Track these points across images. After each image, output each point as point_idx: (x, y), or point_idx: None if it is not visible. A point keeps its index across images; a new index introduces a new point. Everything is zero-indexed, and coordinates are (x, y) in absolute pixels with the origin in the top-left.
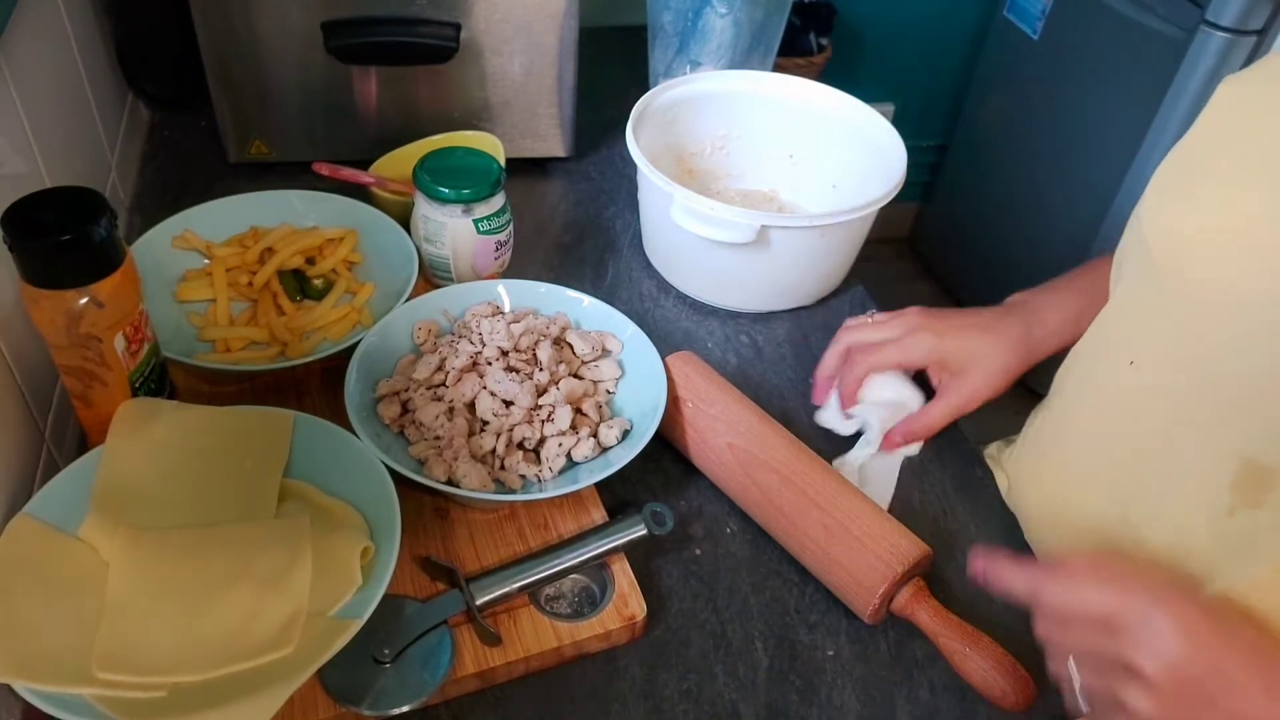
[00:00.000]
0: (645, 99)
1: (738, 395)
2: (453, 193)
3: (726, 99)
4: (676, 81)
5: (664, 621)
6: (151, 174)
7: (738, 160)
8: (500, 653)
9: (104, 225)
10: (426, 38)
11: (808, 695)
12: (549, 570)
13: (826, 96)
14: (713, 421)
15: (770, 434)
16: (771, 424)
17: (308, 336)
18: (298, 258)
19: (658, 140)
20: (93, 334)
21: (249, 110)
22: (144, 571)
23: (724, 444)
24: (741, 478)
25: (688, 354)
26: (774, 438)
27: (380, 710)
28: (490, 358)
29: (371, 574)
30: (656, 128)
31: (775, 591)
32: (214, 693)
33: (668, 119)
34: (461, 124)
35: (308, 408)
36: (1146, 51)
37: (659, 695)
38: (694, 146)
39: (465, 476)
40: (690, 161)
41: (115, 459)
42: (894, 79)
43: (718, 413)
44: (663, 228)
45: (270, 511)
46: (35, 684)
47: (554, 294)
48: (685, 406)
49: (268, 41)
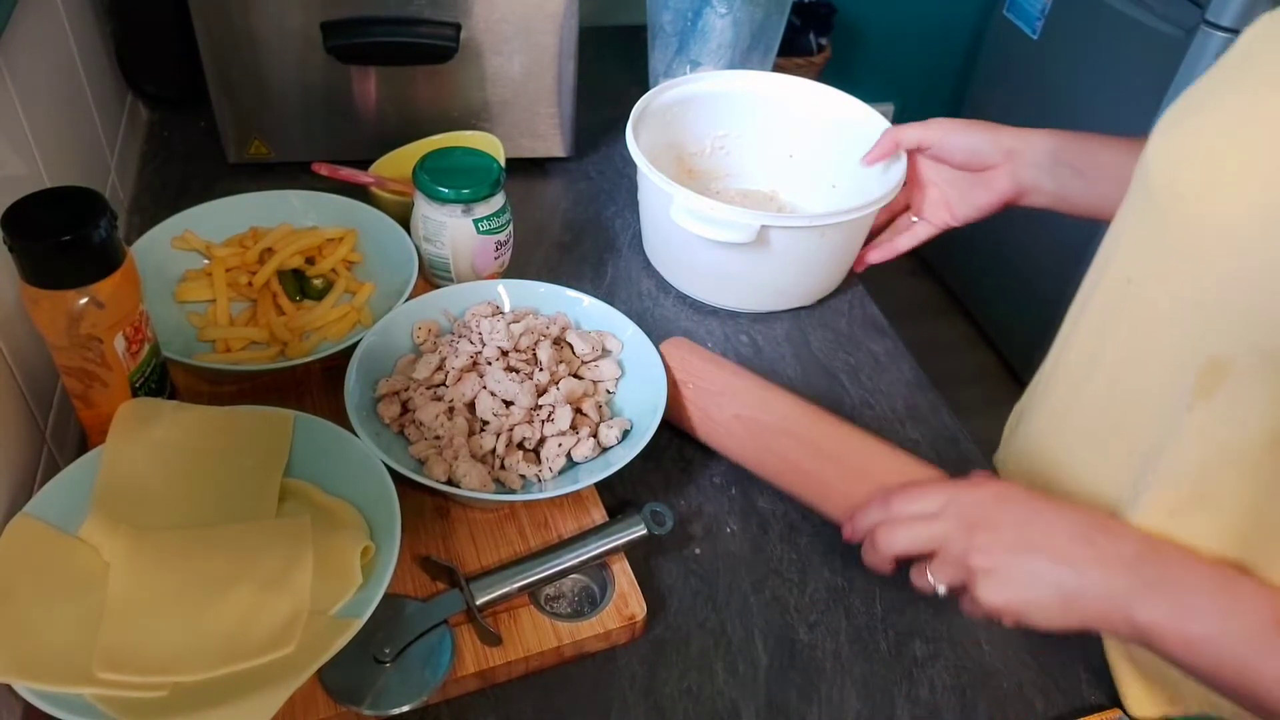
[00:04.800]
0: (645, 99)
1: (734, 368)
2: (452, 193)
3: (726, 99)
4: (676, 81)
5: (664, 621)
6: (151, 174)
7: (737, 160)
8: (500, 652)
9: (104, 225)
10: (426, 38)
11: (808, 694)
12: (549, 570)
13: (826, 96)
14: (715, 398)
15: (773, 398)
16: (772, 388)
17: (308, 336)
18: (297, 258)
19: (658, 140)
20: (93, 334)
21: (249, 110)
22: (145, 571)
23: (730, 417)
24: (755, 446)
25: (679, 339)
26: (778, 401)
27: (380, 710)
28: (490, 358)
29: (372, 574)
30: (656, 128)
31: (775, 590)
32: (214, 692)
33: (668, 119)
34: (461, 124)
35: (308, 408)
36: (1146, 51)
37: (659, 694)
38: (694, 146)
39: (465, 476)
40: (690, 161)
41: (115, 459)
42: (894, 79)
43: (719, 389)
44: (663, 227)
45: (271, 511)
46: (35, 684)
47: (554, 294)
48: (686, 389)
49: (267, 41)
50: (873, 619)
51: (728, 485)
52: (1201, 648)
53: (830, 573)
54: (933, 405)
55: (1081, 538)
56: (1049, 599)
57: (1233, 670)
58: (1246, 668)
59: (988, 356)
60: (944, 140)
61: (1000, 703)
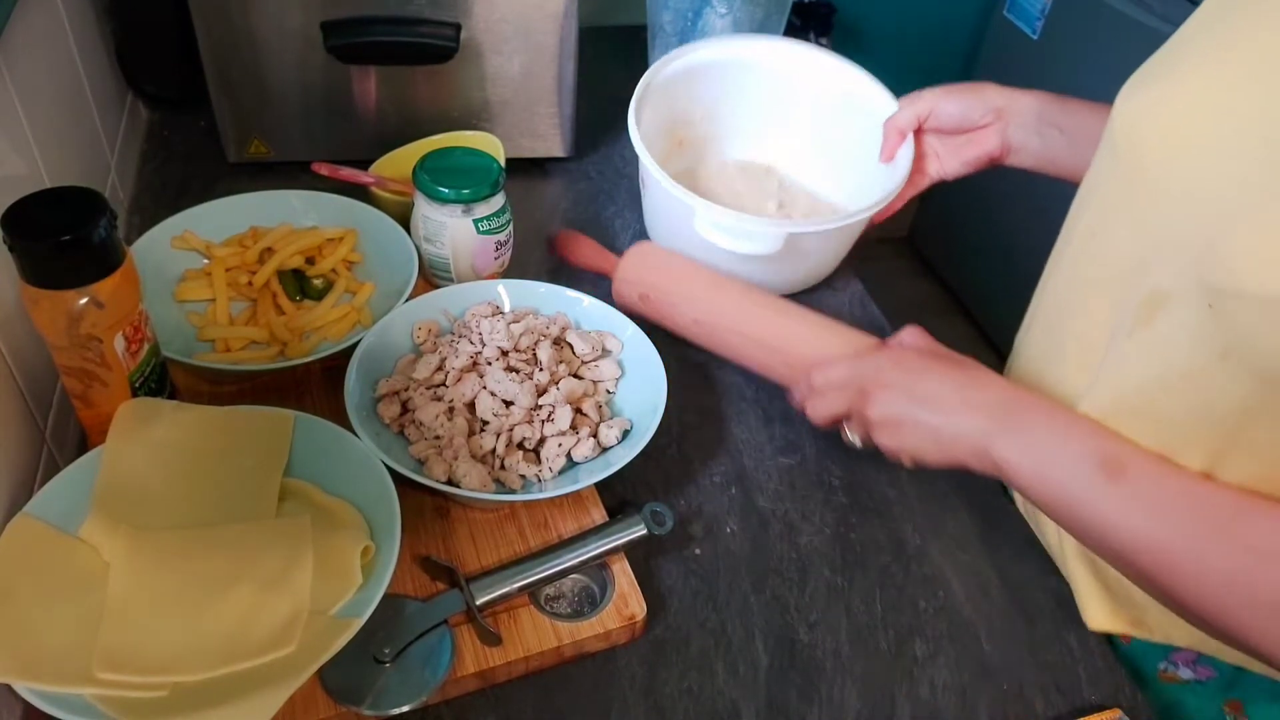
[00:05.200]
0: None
1: (686, 271)
2: (453, 193)
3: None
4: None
5: (664, 621)
6: (151, 174)
7: (726, 127)
8: (500, 652)
9: (104, 225)
10: (426, 38)
11: (808, 693)
12: (549, 570)
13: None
14: (673, 306)
15: (723, 299)
16: (723, 286)
17: (307, 336)
18: (297, 258)
19: (659, 116)
20: (93, 334)
21: (249, 110)
22: (144, 571)
23: (690, 322)
24: (713, 344)
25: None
26: (727, 302)
27: (380, 710)
28: (490, 358)
29: (371, 573)
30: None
31: (775, 590)
32: (214, 692)
33: (666, 97)
34: (461, 124)
35: (308, 408)
36: (1146, 51)
37: (659, 694)
38: (683, 116)
39: (465, 476)
40: (681, 131)
41: (115, 459)
42: (894, 79)
43: (675, 298)
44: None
45: (270, 511)
46: (35, 684)
47: (554, 294)
48: (648, 302)
49: (267, 41)
50: (873, 619)
51: (728, 485)
52: (1041, 482)
53: (830, 572)
54: None
55: (955, 390)
56: (930, 441)
57: (1065, 505)
58: (1074, 500)
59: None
60: (935, 111)
61: (1000, 703)
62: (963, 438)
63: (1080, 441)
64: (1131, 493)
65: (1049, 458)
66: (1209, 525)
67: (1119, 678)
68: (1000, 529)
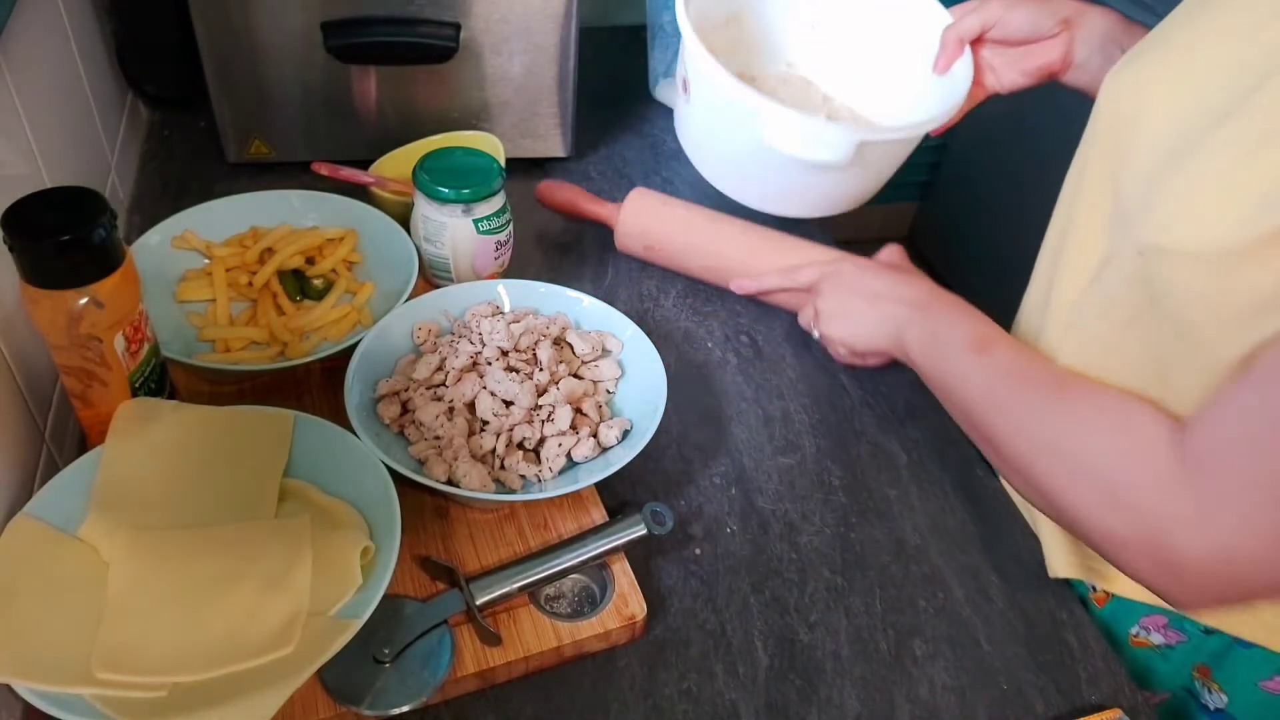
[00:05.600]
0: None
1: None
2: (453, 193)
3: None
4: None
5: (664, 621)
6: (151, 174)
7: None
8: (500, 652)
9: (104, 225)
10: (426, 38)
11: (807, 694)
12: (549, 570)
13: None
14: (673, 257)
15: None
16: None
17: (307, 336)
18: (297, 258)
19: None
20: (93, 334)
21: (249, 110)
22: (144, 571)
23: (698, 268)
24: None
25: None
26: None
27: (380, 710)
28: (490, 358)
29: (371, 574)
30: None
31: (775, 591)
32: (214, 693)
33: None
34: (461, 124)
35: (308, 408)
36: None
37: (659, 695)
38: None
39: (465, 476)
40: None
41: (115, 459)
42: None
43: (674, 251)
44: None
45: (270, 511)
46: (35, 684)
47: (554, 294)
48: (652, 252)
49: (267, 41)
50: (873, 619)
51: (728, 485)
52: (928, 359)
53: (830, 572)
54: (933, 405)
55: (891, 286)
56: (860, 326)
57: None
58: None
59: None
60: (1004, 19)
61: (1000, 703)
62: (886, 322)
63: (965, 328)
64: (990, 363)
65: (939, 338)
66: (1040, 390)
67: (1119, 678)
68: (1000, 530)
